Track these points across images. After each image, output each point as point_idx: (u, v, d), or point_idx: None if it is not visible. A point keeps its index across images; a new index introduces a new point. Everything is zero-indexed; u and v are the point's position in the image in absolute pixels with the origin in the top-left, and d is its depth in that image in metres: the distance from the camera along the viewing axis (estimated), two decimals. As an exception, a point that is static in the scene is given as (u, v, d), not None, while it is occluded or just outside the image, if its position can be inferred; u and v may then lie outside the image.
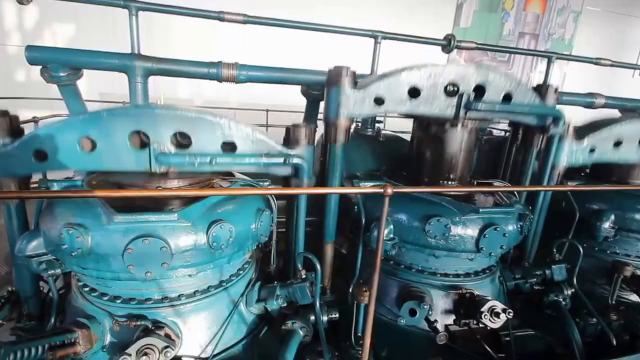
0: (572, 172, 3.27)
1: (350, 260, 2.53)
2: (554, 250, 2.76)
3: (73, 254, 1.66)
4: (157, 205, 1.87)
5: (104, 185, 2.06)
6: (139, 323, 1.79)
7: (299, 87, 2.97)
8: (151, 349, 1.66)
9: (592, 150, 2.72)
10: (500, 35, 9.11)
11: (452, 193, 2.41)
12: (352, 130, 3.76)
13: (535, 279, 2.70)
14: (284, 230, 2.79)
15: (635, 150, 2.76)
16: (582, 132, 2.71)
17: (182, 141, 1.91)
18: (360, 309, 2.04)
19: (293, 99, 3.51)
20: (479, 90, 2.29)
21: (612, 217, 2.90)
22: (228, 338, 2.05)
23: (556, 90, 2.59)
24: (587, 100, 3.31)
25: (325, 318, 2.14)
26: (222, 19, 2.70)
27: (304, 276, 2.11)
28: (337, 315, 2.19)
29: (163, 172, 1.87)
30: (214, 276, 2.06)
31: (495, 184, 2.67)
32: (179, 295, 1.96)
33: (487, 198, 2.60)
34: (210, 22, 2.79)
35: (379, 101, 2.22)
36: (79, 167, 1.94)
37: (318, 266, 1.99)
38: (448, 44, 3.09)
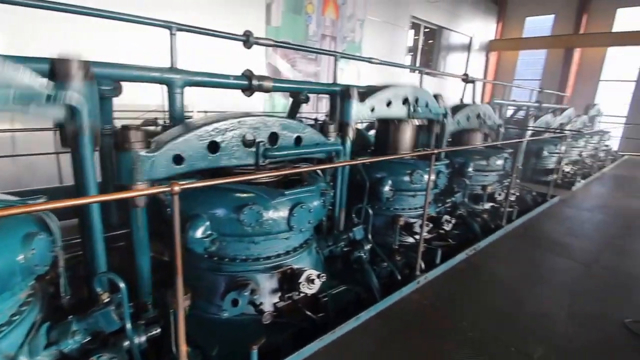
0: (361, 151, 4.01)
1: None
2: (354, 215, 3.35)
3: None
4: None
5: None
6: None
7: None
8: None
9: (372, 110, 3.46)
10: (306, 36, 10.18)
11: (259, 180, 2.55)
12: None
13: (343, 242, 3.21)
14: (81, 252, 2.35)
15: (400, 108, 3.69)
16: (363, 95, 3.43)
17: None
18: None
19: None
20: (273, 137, 2.55)
21: (390, 181, 3.73)
22: (2, 407, 1.59)
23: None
24: (365, 91, 4.10)
25: (143, 338, 1.92)
26: None
27: (106, 300, 1.83)
28: (159, 330, 2.02)
29: None
30: (-35, 335, 1.54)
31: (302, 166, 2.97)
32: None
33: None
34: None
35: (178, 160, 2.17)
36: None
37: (121, 284, 1.76)
38: (247, 40, 3.19)
